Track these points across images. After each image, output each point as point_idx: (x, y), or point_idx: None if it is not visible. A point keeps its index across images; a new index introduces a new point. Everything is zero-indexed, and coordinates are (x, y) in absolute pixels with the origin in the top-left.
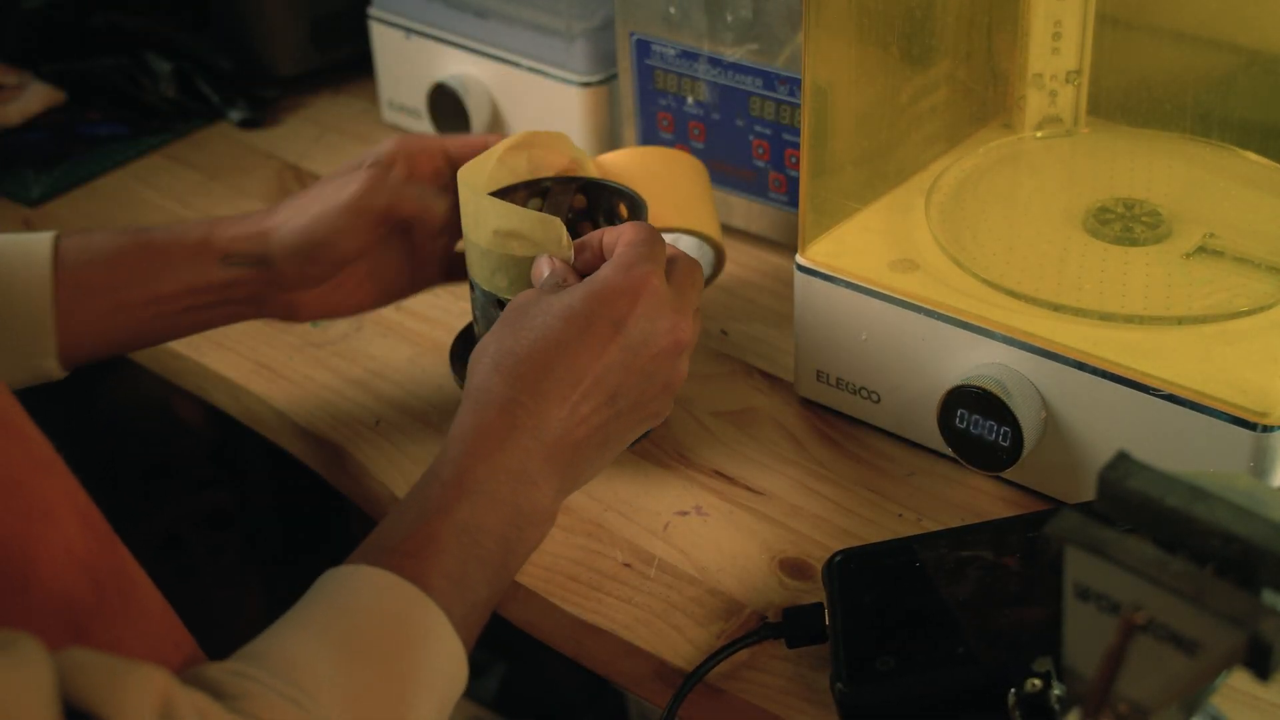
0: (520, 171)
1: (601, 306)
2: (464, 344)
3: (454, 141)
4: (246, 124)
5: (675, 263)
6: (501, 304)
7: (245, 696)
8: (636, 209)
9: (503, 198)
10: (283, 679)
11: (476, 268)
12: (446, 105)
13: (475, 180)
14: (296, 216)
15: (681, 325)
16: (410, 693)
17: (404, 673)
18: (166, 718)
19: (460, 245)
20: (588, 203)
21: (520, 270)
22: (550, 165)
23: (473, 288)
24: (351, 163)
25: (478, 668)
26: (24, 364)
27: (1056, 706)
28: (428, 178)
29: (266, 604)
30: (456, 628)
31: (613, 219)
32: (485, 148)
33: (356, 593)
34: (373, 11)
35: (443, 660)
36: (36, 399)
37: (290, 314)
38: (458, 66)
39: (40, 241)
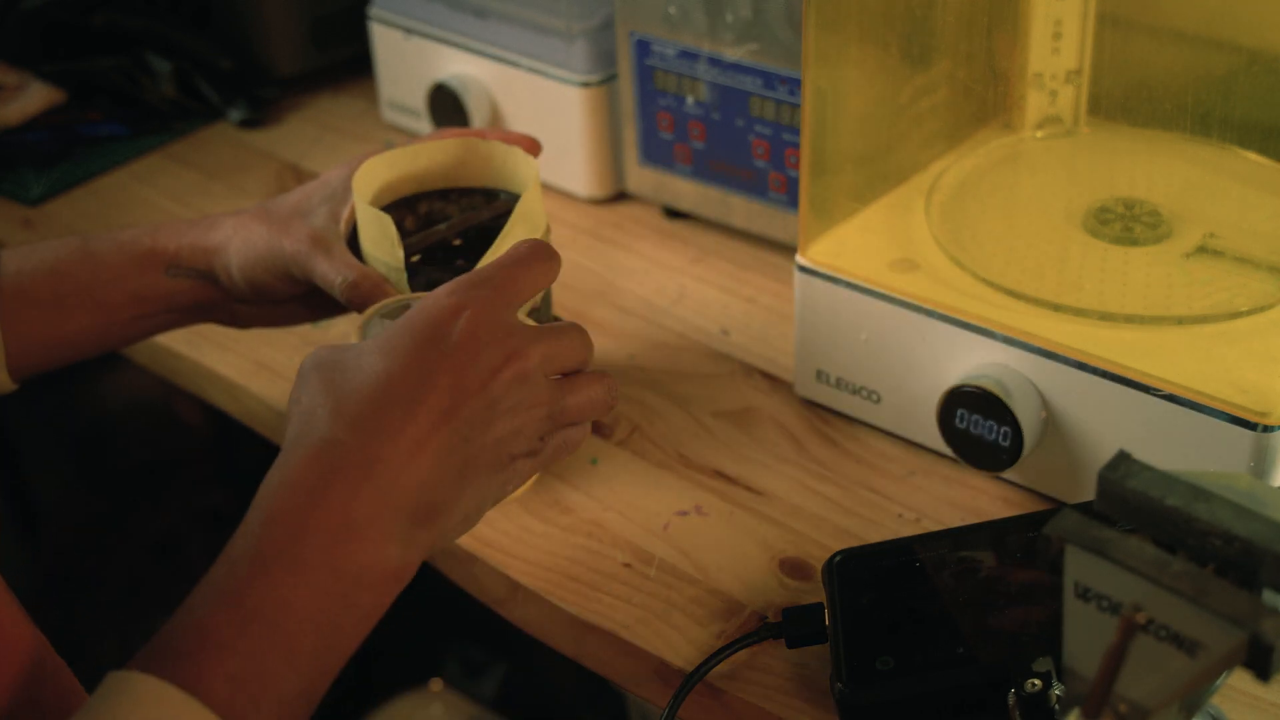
0: (409, 180)
1: (420, 328)
2: None
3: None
4: (246, 124)
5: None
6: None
7: None
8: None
9: (408, 205)
10: None
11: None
12: (446, 105)
13: (362, 188)
14: (241, 249)
15: (521, 346)
16: None
17: None
18: None
19: None
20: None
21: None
22: (451, 175)
23: None
24: (313, 190)
25: (477, 668)
26: None
27: (1056, 706)
28: None
29: None
30: None
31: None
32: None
33: (122, 707)
34: (373, 11)
35: None
36: (35, 400)
37: (236, 323)
38: (458, 66)
39: None
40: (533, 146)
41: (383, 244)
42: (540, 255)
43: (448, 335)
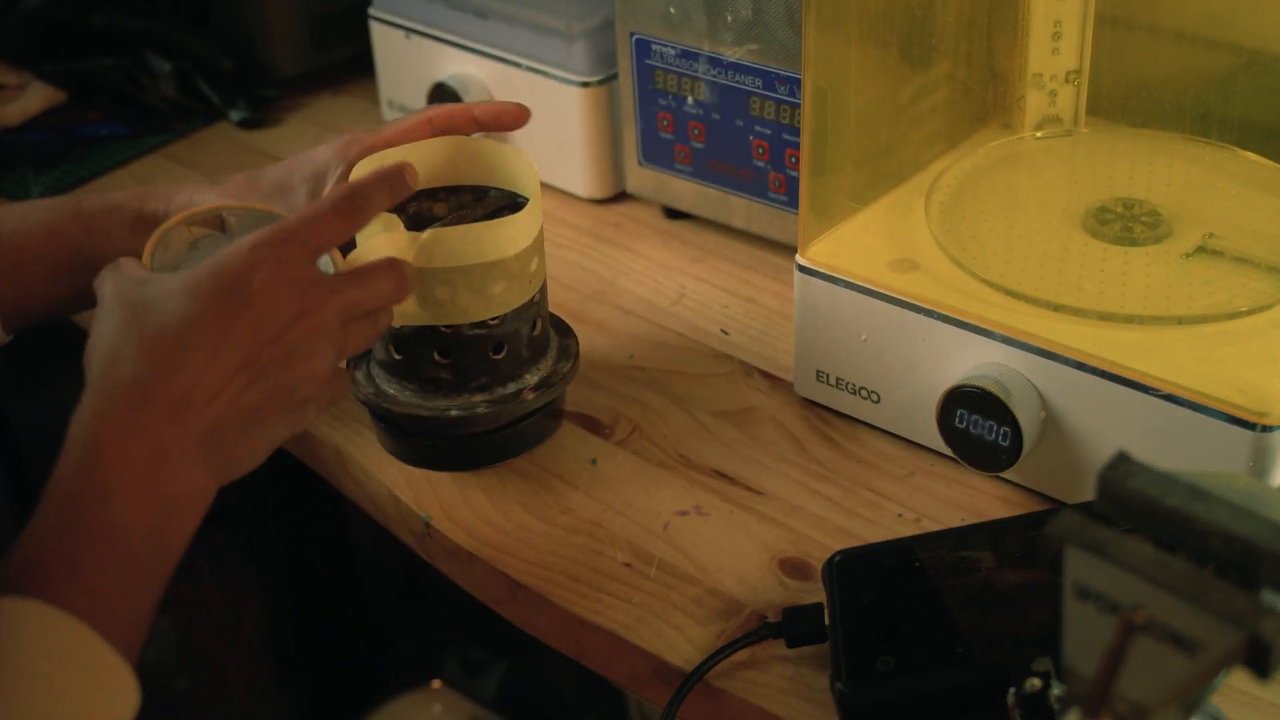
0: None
1: (223, 278)
2: None
3: (395, 132)
4: (246, 124)
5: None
6: None
7: None
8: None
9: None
10: None
11: None
12: None
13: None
14: None
15: (318, 300)
16: None
17: (60, 709)
18: None
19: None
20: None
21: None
22: (444, 173)
23: None
24: (296, 167)
25: (478, 667)
26: None
27: (1056, 706)
28: None
29: (265, 603)
30: (115, 644)
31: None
32: (424, 129)
33: None
34: (373, 11)
35: (106, 686)
36: (35, 399)
37: None
38: (458, 66)
39: None
40: (520, 114)
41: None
42: (343, 211)
43: (247, 287)
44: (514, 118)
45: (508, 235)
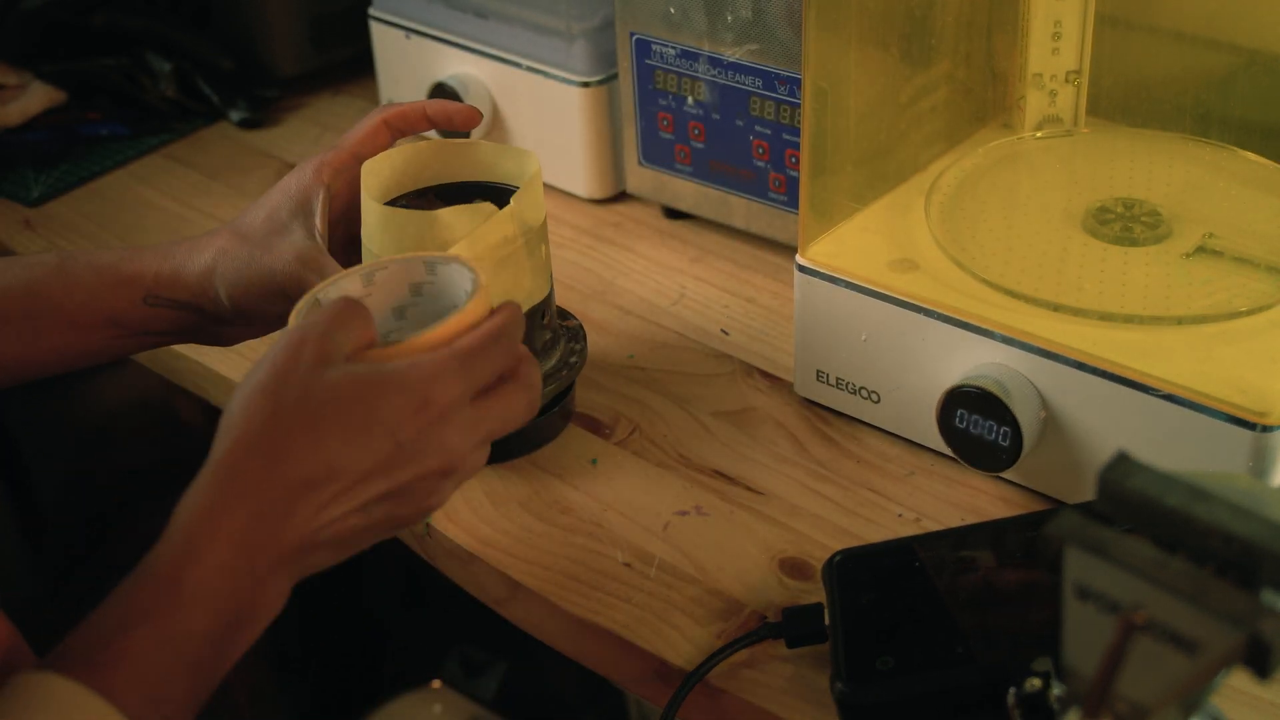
0: (405, 178)
1: (383, 404)
2: None
3: (355, 141)
4: (246, 124)
5: (511, 378)
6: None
7: None
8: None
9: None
10: None
11: None
12: None
13: (372, 186)
14: (228, 275)
15: (457, 458)
16: None
17: None
18: None
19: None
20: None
21: None
22: (440, 172)
23: None
24: (279, 205)
25: (478, 667)
26: None
27: (1056, 706)
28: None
29: None
30: None
31: None
32: (381, 131)
33: (41, 707)
34: (373, 11)
35: None
36: (35, 400)
37: (219, 342)
38: (458, 66)
39: None
40: (471, 115)
41: (406, 247)
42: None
43: (401, 432)
44: (465, 119)
45: (539, 194)
